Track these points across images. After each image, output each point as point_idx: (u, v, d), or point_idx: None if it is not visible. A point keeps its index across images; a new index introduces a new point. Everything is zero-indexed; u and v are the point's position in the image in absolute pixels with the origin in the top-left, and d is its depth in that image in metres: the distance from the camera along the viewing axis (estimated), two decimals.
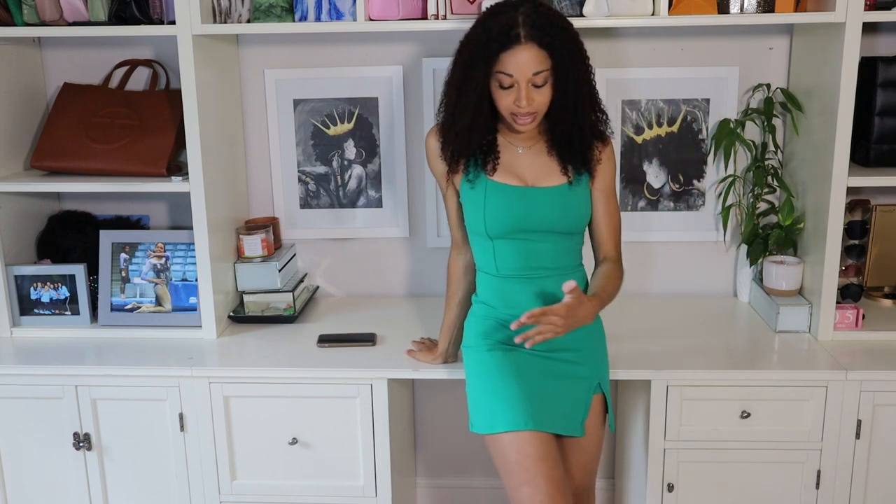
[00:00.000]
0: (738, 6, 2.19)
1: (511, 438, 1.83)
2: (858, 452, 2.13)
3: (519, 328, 1.78)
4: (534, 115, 1.85)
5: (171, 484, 2.27)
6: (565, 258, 1.97)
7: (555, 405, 1.90)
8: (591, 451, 2.02)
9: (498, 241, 1.94)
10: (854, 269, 2.52)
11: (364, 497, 2.24)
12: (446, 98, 1.91)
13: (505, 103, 1.83)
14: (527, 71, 1.78)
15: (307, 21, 2.24)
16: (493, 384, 1.90)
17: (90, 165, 2.37)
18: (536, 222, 1.92)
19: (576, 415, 1.94)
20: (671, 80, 2.53)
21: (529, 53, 1.77)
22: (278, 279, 2.49)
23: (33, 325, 2.44)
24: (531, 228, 1.92)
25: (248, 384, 2.19)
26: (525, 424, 1.83)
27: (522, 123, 1.85)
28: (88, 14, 2.24)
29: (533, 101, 1.81)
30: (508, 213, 1.91)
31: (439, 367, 2.15)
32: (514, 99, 1.81)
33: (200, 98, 2.25)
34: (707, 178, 2.60)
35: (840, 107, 2.14)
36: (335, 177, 2.67)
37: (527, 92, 1.80)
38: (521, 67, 1.78)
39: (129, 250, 2.43)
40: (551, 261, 1.95)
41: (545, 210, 1.91)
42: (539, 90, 1.81)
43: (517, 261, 1.95)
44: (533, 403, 1.86)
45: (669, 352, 2.22)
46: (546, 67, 1.79)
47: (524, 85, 1.79)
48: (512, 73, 1.79)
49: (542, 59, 1.78)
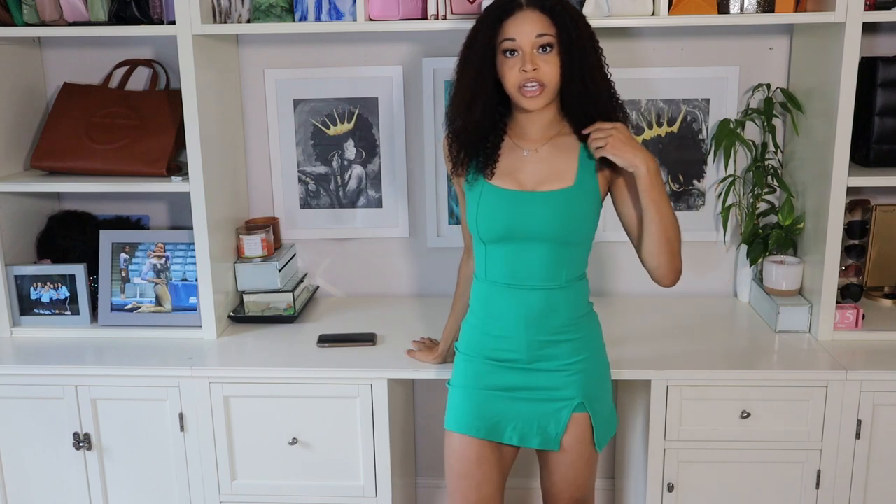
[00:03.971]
0: (738, 6, 2.19)
1: (457, 440, 1.91)
2: (858, 452, 2.12)
3: None
4: (541, 87, 1.75)
5: (171, 484, 2.27)
6: (559, 271, 1.84)
7: (523, 418, 1.89)
8: (577, 467, 1.93)
9: (490, 245, 1.87)
10: (854, 269, 2.52)
11: (364, 497, 2.24)
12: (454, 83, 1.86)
13: (511, 76, 1.76)
14: (530, 33, 1.73)
15: (307, 21, 2.24)
16: (460, 387, 1.95)
17: (90, 165, 2.38)
18: (528, 229, 1.82)
19: (550, 429, 1.88)
20: (671, 80, 2.53)
21: (532, 17, 1.74)
22: (278, 279, 2.49)
23: (33, 325, 2.44)
24: (522, 236, 1.83)
25: (248, 384, 2.19)
26: (476, 431, 1.90)
27: (530, 94, 1.76)
28: (88, 14, 2.24)
29: (538, 67, 1.74)
30: (499, 218, 1.84)
31: (439, 366, 2.15)
32: (520, 67, 1.74)
33: (200, 98, 2.25)
34: (707, 178, 2.60)
35: (840, 107, 2.14)
36: (335, 177, 2.67)
37: (531, 56, 1.74)
38: (523, 30, 1.74)
39: (129, 250, 2.43)
40: (540, 272, 1.84)
41: (539, 216, 1.82)
42: (544, 57, 1.74)
43: (505, 268, 1.86)
44: (490, 414, 1.90)
45: (669, 352, 2.22)
46: (550, 32, 1.74)
47: (528, 50, 1.74)
48: (514, 38, 1.74)
49: (545, 23, 1.74)
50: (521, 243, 1.84)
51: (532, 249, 1.84)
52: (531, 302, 1.86)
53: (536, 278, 1.85)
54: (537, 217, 1.82)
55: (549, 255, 1.84)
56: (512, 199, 1.84)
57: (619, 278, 2.68)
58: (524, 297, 1.86)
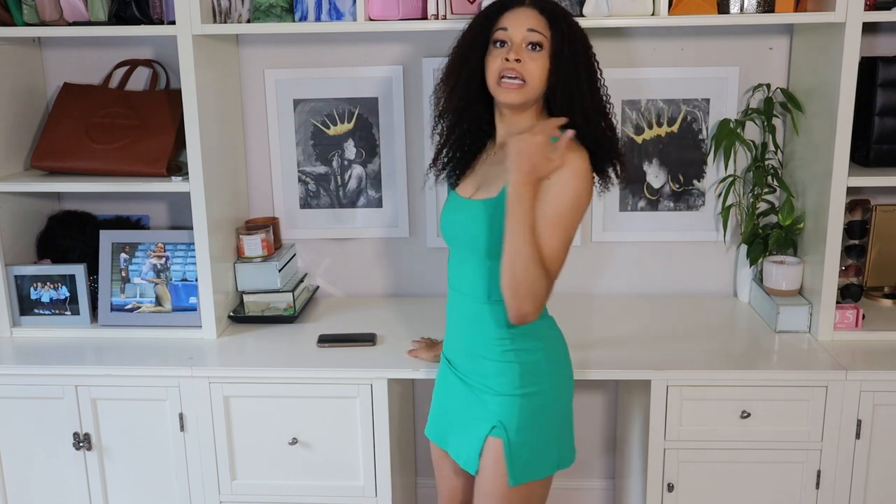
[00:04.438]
0: (738, 6, 2.19)
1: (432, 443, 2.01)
2: (858, 452, 2.12)
3: None
4: (521, 81, 1.68)
5: (171, 484, 2.27)
6: (484, 284, 1.76)
7: (457, 430, 1.88)
8: (484, 494, 1.79)
9: (449, 248, 1.89)
10: (854, 269, 2.52)
11: (364, 497, 2.24)
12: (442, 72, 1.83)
13: (494, 64, 1.71)
14: (522, 25, 1.70)
15: (307, 21, 2.24)
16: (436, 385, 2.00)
17: (90, 165, 2.37)
18: (457, 237, 1.81)
19: (468, 448, 1.81)
20: (671, 80, 2.53)
21: (529, 13, 1.71)
22: (278, 279, 2.49)
23: (33, 325, 2.44)
24: (457, 243, 1.82)
25: (248, 384, 2.19)
26: (432, 435, 1.98)
27: (507, 87, 1.69)
28: (88, 14, 2.24)
29: (523, 60, 1.68)
30: (443, 223, 1.86)
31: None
32: (504, 55, 1.69)
33: (200, 98, 2.25)
34: (707, 178, 2.60)
35: (840, 107, 2.14)
36: (335, 177, 2.67)
37: (518, 48, 1.69)
38: (518, 22, 1.70)
39: (129, 250, 2.43)
40: (470, 281, 1.79)
41: (462, 225, 1.78)
42: (532, 55, 1.69)
43: (451, 272, 1.86)
44: (442, 419, 1.95)
45: (669, 352, 2.22)
46: (543, 32, 1.69)
47: (518, 42, 1.69)
48: (507, 27, 1.71)
49: (540, 22, 1.70)
50: (459, 250, 1.83)
51: (465, 258, 1.81)
52: (464, 310, 1.83)
53: (467, 287, 1.81)
54: (461, 226, 1.79)
55: (476, 265, 1.77)
56: (453, 206, 1.84)
57: (620, 278, 2.68)
58: (461, 302, 1.83)
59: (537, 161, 1.62)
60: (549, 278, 1.64)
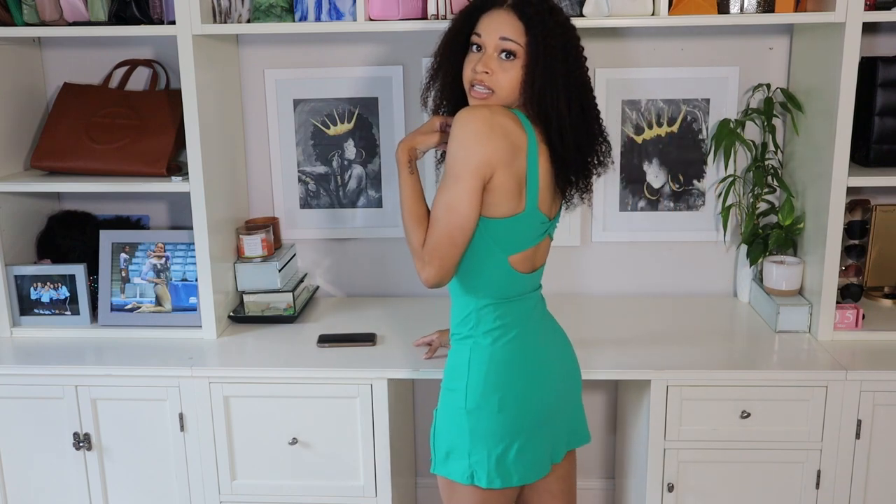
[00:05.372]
0: (738, 6, 2.19)
1: None
2: (858, 452, 2.12)
3: None
4: (489, 92, 1.66)
5: (171, 484, 2.27)
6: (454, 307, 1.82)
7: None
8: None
9: None
10: (854, 269, 2.52)
11: (364, 497, 2.24)
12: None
13: (468, 70, 1.68)
14: (496, 33, 1.64)
15: (307, 21, 2.24)
16: None
17: (90, 165, 2.38)
18: None
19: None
20: (671, 80, 2.53)
21: (505, 19, 1.65)
22: (278, 279, 2.49)
23: (33, 325, 2.44)
24: None
25: (248, 384, 2.19)
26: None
27: (476, 96, 1.67)
28: (88, 14, 2.24)
29: (492, 70, 1.64)
30: None
31: (438, 366, 2.15)
32: (473, 65, 1.67)
33: (200, 98, 2.25)
34: (707, 178, 2.60)
35: (840, 107, 2.14)
36: (335, 177, 2.67)
37: (487, 58, 1.65)
38: (491, 28, 1.65)
39: (129, 250, 2.43)
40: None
41: None
42: (504, 64, 1.65)
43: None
44: None
45: (669, 352, 2.22)
46: (517, 40, 1.63)
47: (490, 51, 1.65)
48: (481, 34, 1.66)
49: (516, 29, 1.64)
50: None
51: None
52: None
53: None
54: None
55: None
56: None
57: (620, 278, 2.68)
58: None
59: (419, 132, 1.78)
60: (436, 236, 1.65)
